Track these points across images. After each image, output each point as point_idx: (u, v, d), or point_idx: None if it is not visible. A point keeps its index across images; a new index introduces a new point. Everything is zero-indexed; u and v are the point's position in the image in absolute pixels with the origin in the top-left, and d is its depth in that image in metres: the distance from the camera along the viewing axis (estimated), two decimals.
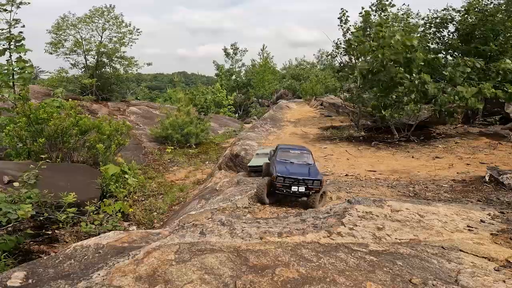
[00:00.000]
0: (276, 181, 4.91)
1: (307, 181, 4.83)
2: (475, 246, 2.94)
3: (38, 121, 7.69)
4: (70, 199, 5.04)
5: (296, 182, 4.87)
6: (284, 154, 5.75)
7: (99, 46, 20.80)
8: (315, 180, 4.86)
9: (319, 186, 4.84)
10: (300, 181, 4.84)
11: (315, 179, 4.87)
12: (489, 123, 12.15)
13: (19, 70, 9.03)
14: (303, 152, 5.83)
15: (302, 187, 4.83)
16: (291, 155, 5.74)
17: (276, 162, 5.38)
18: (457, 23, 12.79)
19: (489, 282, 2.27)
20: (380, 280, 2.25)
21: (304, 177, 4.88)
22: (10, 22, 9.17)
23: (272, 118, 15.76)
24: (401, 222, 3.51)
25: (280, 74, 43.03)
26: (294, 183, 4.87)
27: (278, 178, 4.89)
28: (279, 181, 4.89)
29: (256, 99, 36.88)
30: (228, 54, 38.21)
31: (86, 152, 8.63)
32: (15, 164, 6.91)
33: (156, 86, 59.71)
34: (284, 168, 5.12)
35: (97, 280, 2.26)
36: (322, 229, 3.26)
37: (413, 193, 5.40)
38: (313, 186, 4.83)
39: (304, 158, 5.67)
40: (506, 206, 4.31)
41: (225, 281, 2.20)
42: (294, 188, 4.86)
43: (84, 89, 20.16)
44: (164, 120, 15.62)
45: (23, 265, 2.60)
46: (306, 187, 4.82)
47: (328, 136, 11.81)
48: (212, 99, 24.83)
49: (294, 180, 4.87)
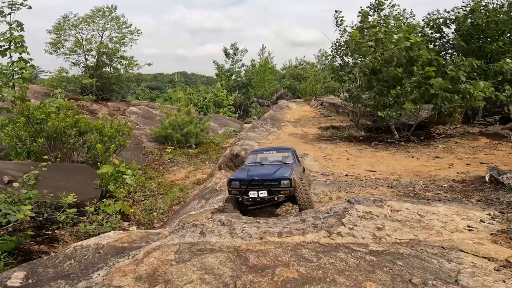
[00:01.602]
0: (230, 186, 4.02)
1: (269, 183, 3.85)
2: (475, 246, 2.94)
3: (36, 121, 7.68)
4: (70, 200, 5.03)
5: (254, 185, 3.86)
6: (254, 156, 5.00)
7: (99, 46, 20.80)
8: (282, 179, 3.85)
9: (288, 187, 3.83)
10: (259, 184, 3.84)
11: (281, 178, 3.87)
12: (489, 123, 12.15)
13: (19, 70, 9.03)
14: (280, 151, 5.00)
15: (263, 191, 3.83)
16: (264, 156, 4.93)
17: (242, 167, 4.71)
18: (459, 23, 12.77)
19: (489, 282, 2.27)
20: (380, 280, 2.25)
21: (264, 178, 3.90)
22: (10, 24, 9.17)
23: (272, 118, 15.76)
24: (401, 222, 3.50)
25: (280, 74, 43.04)
26: (251, 187, 3.87)
27: (232, 183, 3.99)
28: (233, 187, 3.98)
29: (256, 99, 36.88)
30: (228, 54, 38.25)
31: (86, 153, 8.62)
32: (15, 164, 6.91)
33: (156, 86, 59.71)
34: (244, 172, 4.29)
35: (97, 280, 2.25)
36: (322, 229, 3.26)
37: (413, 193, 5.40)
38: (279, 189, 3.83)
39: (279, 157, 4.78)
40: (506, 206, 4.31)
41: (225, 281, 2.20)
42: (252, 194, 3.87)
43: (84, 89, 20.16)
44: (164, 120, 15.61)
45: (23, 265, 2.60)
46: (269, 191, 3.82)
47: (328, 136, 11.81)
48: (210, 97, 24.83)
49: (250, 183, 3.86)
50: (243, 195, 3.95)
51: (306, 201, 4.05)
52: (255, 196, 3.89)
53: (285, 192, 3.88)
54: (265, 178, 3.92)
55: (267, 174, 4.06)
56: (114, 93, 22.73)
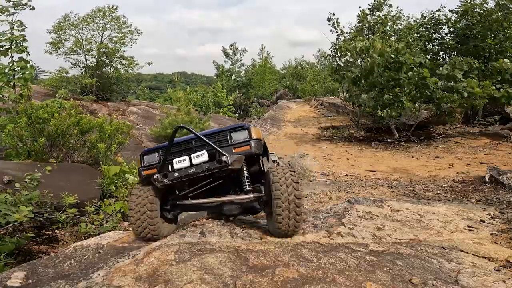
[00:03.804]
0: (143, 165, 2.61)
1: (211, 138, 2.44)
2: (475, 246, 2.94)
3: (38, 121, 7.69)
4: (71, 200, 5.03)
5: (183, 150, 2.50)
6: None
7: (99, 46, 20.80)
8: (232, 130, 2.51)
9: (247, 141, 2.44)
10: (192, 146, 2.48)
11: (232, 127, 2.54)
12: (489, 123, 12.15)
13: (20, 70, 9.02)
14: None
15: (199, 152, 2.39)
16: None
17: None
18: (452, 23, 12.80)
19: (489, 282, 2.27)
20: (380, 280, 2.25)
21: (201, 135, 2.45)
22: (13, 24, 9.17)
23: (272, 118, 15.77)
24: (401, 222, 3.50)
25: (280, 74, 43.03)
26: (177, 154, 2.48)
27: (146, 158, 2.62)
28: (148, 164, 2.58)
29: (256, 99, 36.86)
30: (228, 54, 38.22)
31: (87, 152, 8.62)
32: (15, 164, 6.90)
33: (156, 86, 59.68)
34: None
35: (97, 280, 2.26)
36: (322, 229, 3.26)
37: (413, 193, 5.40)
38: (230, 146, 2.41)
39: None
40: (506, 206, 4.31)
41: (225, 281, 2.20)
42: (179, 163, 2.40)
43: (84, 89, 20.15)
44: (164, 120, 15.62)
45: (23, 265, 2.61)
46: (211, 155, 2.38)
47: (328, 136, 11.81)
48: (210, 97, 24.82)
49: (175, 146, 2.50)
50: (162, 171, 2.41)
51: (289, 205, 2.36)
52: (184, 166, 2.36)
53: (244, 149, 2.39)
54: (208, 132, 2.56)
55: (210, 130, 2.69)
56: (114, 93, 22.71)
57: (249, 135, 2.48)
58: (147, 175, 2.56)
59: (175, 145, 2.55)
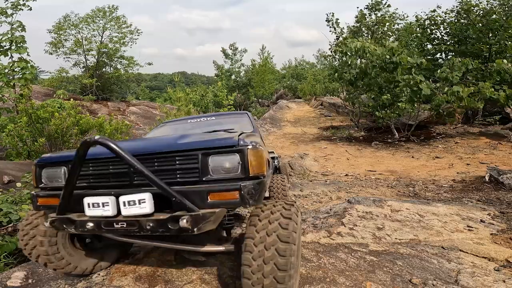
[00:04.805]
0: (38, 183, 1.88)
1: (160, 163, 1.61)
2: (475, 246, 2.94)
3: (39, 121, 7.70)
4: None
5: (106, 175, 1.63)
6: (165, 128, 2.88)
7: (99, 46, 20.80)
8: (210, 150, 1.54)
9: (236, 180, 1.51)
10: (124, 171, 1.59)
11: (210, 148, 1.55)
12: (489, 123, 12.14)
13: (20, 70, 9.03)
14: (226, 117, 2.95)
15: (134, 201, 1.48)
16: (186, 125, 2.83)
17: None
18: (448, 24, 12.79)
19: (489, 282, 2.27)
20: (380, 280, 2.25)
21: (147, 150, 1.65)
22: (12, 24, 9.17)
23: (272, 118, 15.76)
24: (401, 222, 3.50)
25: (280, 74, 43.03)
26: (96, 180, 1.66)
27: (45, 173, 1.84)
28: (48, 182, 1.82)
29: (256, 99, 36.86)
30: (227, 55, 38.19)
31: None
32: (15, 164, 6.91)
33: (156, 86, 59.70)
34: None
35: (97, 280, 2.26)
36: (322, 229, 3.26)
37: (413, 193, 5.40)
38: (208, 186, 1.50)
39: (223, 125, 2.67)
40: (506, 206, 4.31)
41: (225, 281, 2.20)
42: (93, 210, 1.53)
43: (84, 89, 20.16)
44: (164, 119, 15.64)
45: (23, 265, 2.61)
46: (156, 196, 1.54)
47: (328, 136, 11.81)
48: (209, 96, 24.81)
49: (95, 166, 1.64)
50: (63, 213, 1.61)
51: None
52: (105, 215, 1.51)
53: (228, 198, 1.49)
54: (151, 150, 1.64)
55: (161, 143, 1.78)
56: (114, 93, 22.70)
57: (242, 163, 1.46)
58: (44, 206, 1.68)
59: (90, 165, 1.53)
